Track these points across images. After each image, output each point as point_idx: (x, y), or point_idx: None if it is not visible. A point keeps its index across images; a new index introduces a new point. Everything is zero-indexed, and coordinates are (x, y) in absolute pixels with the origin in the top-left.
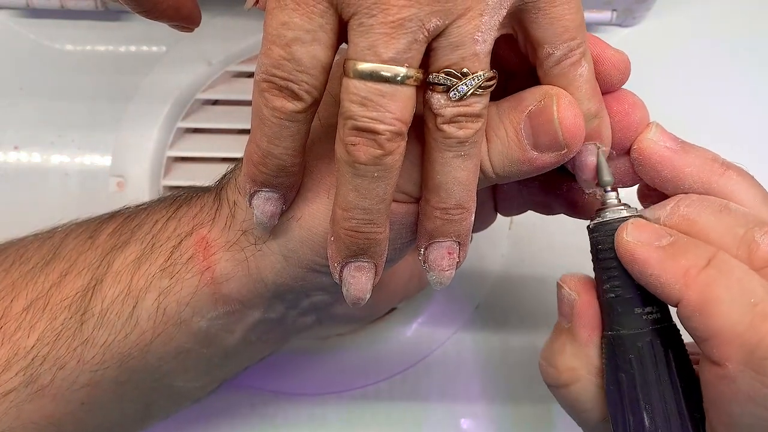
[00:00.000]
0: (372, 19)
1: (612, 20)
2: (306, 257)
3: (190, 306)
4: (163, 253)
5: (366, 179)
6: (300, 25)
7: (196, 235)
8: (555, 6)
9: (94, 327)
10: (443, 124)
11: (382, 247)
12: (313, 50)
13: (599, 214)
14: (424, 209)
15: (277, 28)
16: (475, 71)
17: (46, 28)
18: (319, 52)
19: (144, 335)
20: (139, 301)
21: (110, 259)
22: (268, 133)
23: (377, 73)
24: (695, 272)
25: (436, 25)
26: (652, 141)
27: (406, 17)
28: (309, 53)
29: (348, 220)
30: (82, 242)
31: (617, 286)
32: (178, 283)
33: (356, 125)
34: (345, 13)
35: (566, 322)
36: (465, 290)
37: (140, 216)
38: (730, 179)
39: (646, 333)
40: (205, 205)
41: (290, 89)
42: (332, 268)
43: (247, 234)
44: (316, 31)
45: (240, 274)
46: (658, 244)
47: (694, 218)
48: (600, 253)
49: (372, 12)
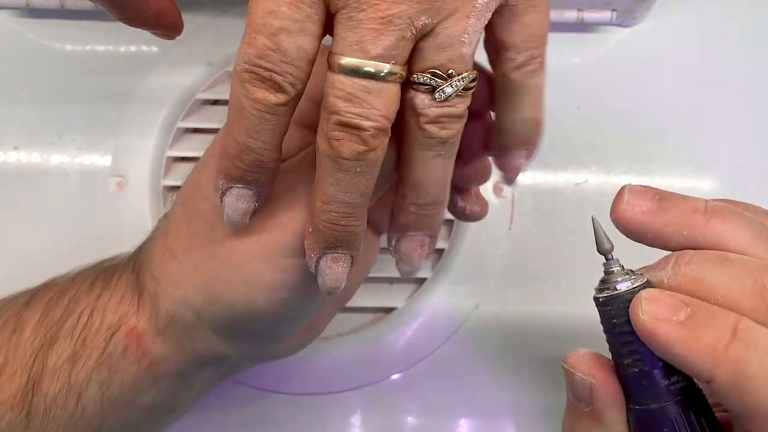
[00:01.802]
0: (362, 14)
1: (612, 20)
2: (235, 329)
3: (134, 389)
4: (96, 349)
5: (348, 174)
6: (287, 14)
7: (125, 327)
8: (528, 14)
9: (41, 423)
10: (426, 123)
11: (360, 239)
12: (300, 41)
13: (607, 285)
14: (400, 204)
15: (263, 17)
16: (460, 72)
17: (46, 28)
18: (306, 43)
19: (92, 421)
20: (82, 393)
21: (42, 357)
22: (246, 125)
23: (363, 69)
24: (722, 348)
25: (425, 23)
26: (627, 210)
27: (395, 14)
28: (295, 44)
29: (327, 212)
30: (7, 338)
31: (639, 360)
32: (118, 373)
33: (341, 120)
34: (333, 5)
35: (585, 405)
36: (465, 290)
37: (62, 304)
38: (714, 228)
39: (676, 404)
40: (126, 291)
41: (274, 80)
42: (308, 258)
43: (175, 320)
44: (303, 21)
45: (177, 353)
46: (677, 319)
47: (698, 276)
48: (616, 327)
49: (362, 6)
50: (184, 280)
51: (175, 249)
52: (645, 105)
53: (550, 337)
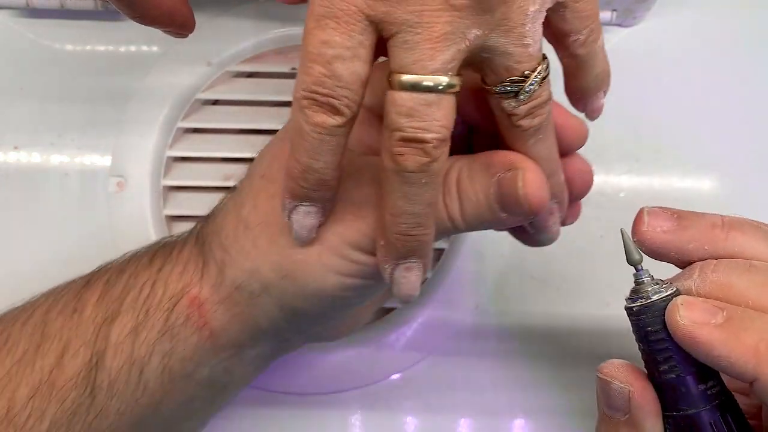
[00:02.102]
0: (417, 36)
1: (612, 20)
2: (300, 306)
3: (193, 360)
4: (159, 320)
5: (414, 186)
6: (340, 42)
7: (188, 296)
8: (578, 2)
9: (105, 398)
10: (519, 120)
11: (430, 247)
12: (353, 66)
13: (639, 295)
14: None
15: (317, 47)
16: (534, 69)
17: (46, 28)
18: (359, 67)
19: (154, 395)
20: (144, 367)
21: (105, 332)
22: (308, 148)
23: (422, 83)
24: (765, 347)
25: (476, 35)
26: (648, 231)
27: (449, 31)
28: (349, 69)
29: (398, 225)
30: (68, 317)
31: (675, 366)
32: (180, 344)
33: (404, 136)
34: (387, 31)
35: (622, 414)
36: (465, 290)
37: (122, 280)
38: (735, 241)
39: (714, 408)
40: (189, 261)
41: (331, 104)
42: (382, 269)
43: (241, 289)
44: (356, 47)
45: (237, 324)
46: (715, 321)
47: (726, 282)
48: (650, 335)
49: (416, 30)
50: (256, 252)
51: (250, 221)
52: (645, 105)
53: (549, 338)
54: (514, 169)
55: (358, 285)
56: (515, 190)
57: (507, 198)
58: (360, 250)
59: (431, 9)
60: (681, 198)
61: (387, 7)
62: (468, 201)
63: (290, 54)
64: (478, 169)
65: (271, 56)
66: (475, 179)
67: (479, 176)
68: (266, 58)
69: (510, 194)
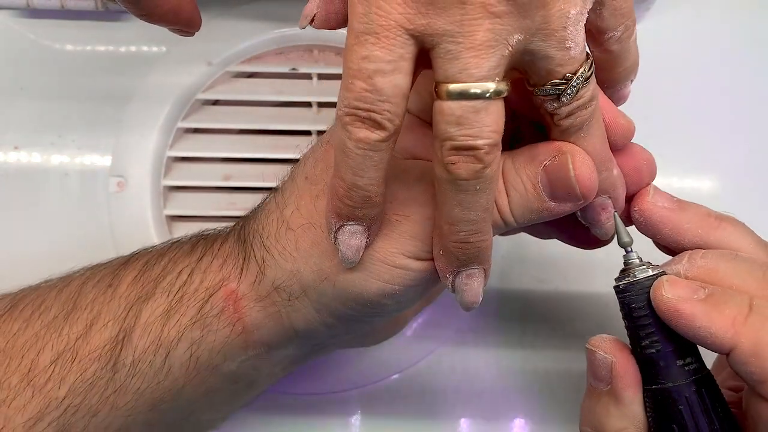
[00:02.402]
0: (459, 45)
1: None
2: (338, 310)
3: (222, 353)
4: (193, 307)
5: (469, 193)
6: (380, 57)
7: (225, 290)
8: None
9: (127, 376)
10: (562, 120)
11: (489, 252)
12: (395, 79)
13: (627, 274)
14: None
15: (357, 63)
16: (576, 71)
17: (46, 28)
18: (400, 80)
19: (176, 381)
20: (171, 351)
21: (137, 310)
22: (352, 165)
23: (470, 91)
24: (742, 319)
25: (518, 39)
26: (651, 203)
27: (491, 38)
28: (390, 83)
29: (456, 233)
30: (102, 291)
31: (656, 341)
32: (210, 334)
33: (454, 145)
34: (428, 42)
35: (604, 385)
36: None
37: (160, 264)
38: (725, 231)
39: (690, 383)
40: (229, 256)
41: (373, 119)
42: (443, 278)
43: (280, 290)
44: (396, 61)
45: (271, 323)
46: (697, 297)
47: (713, 267)
48: (634, 312)
49: (457, 39)
50: (298, 254)
51: (293, 223)
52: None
53: (549, 337)
54: (562, 154)
55: (398, 292)
56: (565, 172)
57: (556, 183)
58: (403, 254)
59: (471, 18)
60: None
61: (426, 19)
62: (515, 192)
63: (290, 54)
64: (523, 160)
65: (271, 56)
66: (521, 170)
67: (525, 166)
68: (266, 58)
69: (559, 178)
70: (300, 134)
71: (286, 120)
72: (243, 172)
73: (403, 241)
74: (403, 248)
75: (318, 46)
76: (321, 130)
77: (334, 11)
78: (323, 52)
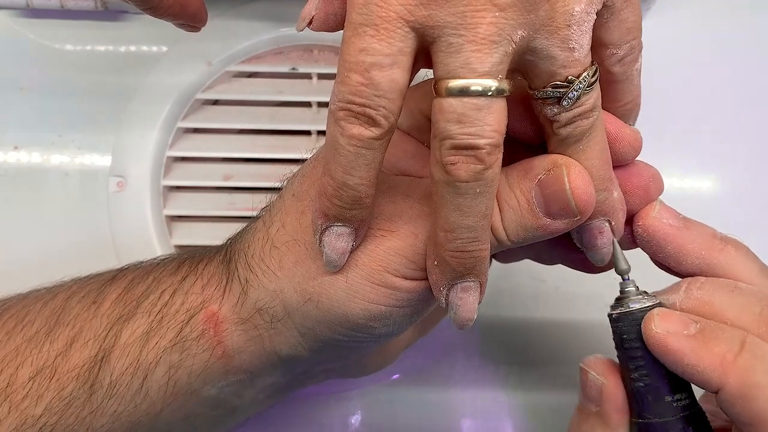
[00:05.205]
0: (461, 38)
1: None
2: (323, 334)
3: (201, 378)
4: (172, 329)
5: (468, 197)
6: (379, 50)
7: (206, 312)
8: (625, 10)
9: (104, 397)
10: (561, 128)
11: (486, 264)
12: (392, 74)
13: (621, 304)
14: None
15: (355, 55)
16: (579, 75)
17: (46, 28)
18: (398, 75)
19: (154, 405)
20: (149, 374)
21: (117, 330)
22: (343, 162)
23: (472, 87)
24: (731, 358)
25: (521, 36)
26: (656, 219)
27: (495, 32)
28: (388, 77)
29: (452, 241)
30: (86, 307)
31: (645, 375)
32: (189, 358)
33: (454, 144)
34: (429, 35)
35: (594, 405)
36: None
37: (145, 282)
38: (729, 254)
39: (678, 420)
40: (213, 277)
41: (367, 115)
42: (437, 292)
43: (263, 312)
44: (395, 55)
45: (253, 348)
46: (687, 332)
47: (709, 300)
48: (626, 343)
49: (459, 32)
50: (282, 273)
51: (278, 240)
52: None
53: (548, 338)
54: (557, 166)
55: (384, 313)
56: (560, 185)
57: (551, 197)
58: (389, 272)
59: (474, 9)
60: (681, 198)
61: (428, 10)
62: (508, 209)
63: (290, 54)
64: (517, 174)
65: (271, 56)
66: (515, 184)
67: (519, 181)
68: (266, 58)
69: (554, 192)
70: (300, 134)
71: (286, 120)
72: (243, 171)
73: (389, 257)
74: (389, 265)
75: (318, 45)
76: (321, 130)
77: (332, 12)
78: (323, 51)
